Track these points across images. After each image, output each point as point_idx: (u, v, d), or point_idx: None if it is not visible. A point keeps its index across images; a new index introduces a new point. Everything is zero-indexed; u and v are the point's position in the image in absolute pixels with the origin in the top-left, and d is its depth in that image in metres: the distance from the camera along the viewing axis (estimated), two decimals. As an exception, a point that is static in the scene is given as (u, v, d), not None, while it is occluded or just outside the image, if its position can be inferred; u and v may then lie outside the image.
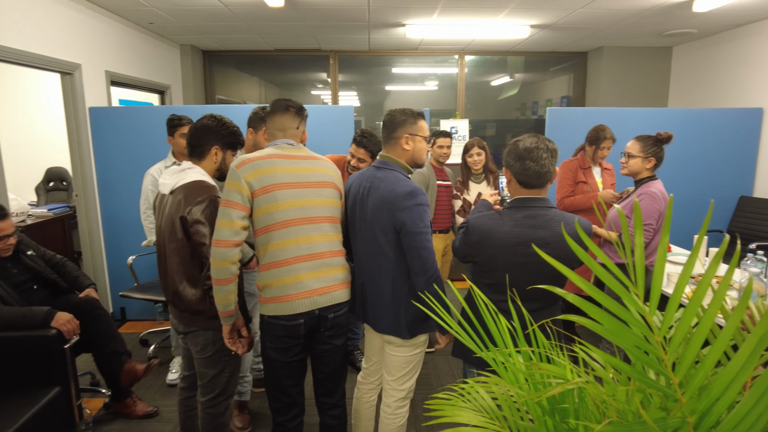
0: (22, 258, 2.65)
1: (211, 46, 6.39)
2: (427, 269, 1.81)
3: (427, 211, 1.84)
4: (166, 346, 3.71)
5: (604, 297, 0.86)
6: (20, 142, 5.57)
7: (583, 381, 0.82)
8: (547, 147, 1.74)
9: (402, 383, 2.05)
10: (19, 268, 2.63)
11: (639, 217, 0.90)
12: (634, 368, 0.81)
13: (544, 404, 0.90)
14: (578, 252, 0.90)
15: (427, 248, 1.81)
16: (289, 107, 1.94)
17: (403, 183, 1.85)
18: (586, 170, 3.33)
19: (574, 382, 0.79)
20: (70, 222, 5.10)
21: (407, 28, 5.32)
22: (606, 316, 0.85)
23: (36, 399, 2.29)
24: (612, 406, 0.86)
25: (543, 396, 0.79)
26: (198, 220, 1.90)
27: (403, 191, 1.82)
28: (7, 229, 2.51)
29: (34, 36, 3.50)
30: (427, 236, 1.82)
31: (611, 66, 6.41)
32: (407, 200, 1.81)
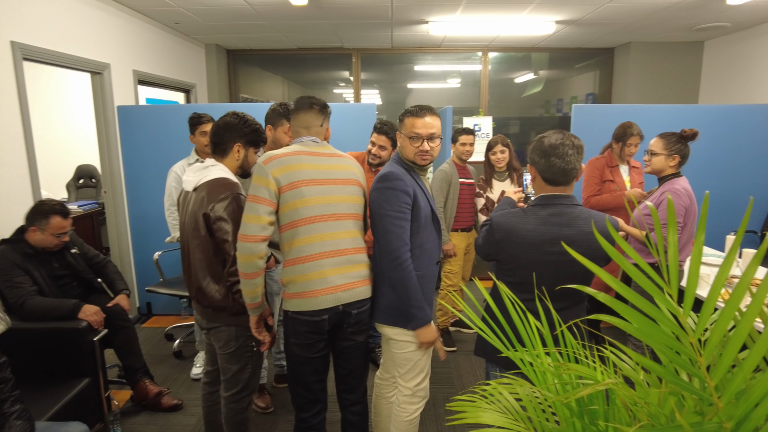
0: (66, 254, 2.76)
1: (235, 45, 6.46)
2: (388, 252, 1.84)
3: (398, 197, 1.83)
4: (190, 340, 3.77)
5: (636, 296, 0.83)
6: (52, 141, 5.72)
7: (614, 382, 0.80)
8: (572, 143, 1.70)
9: (407, 380, 2.02)
10: (61, 263, 2.74)
11: (672, 215, 0.87)
12: (667, 370, 0.78)
13: (573, 405, 0.88)
14: (609, 250, 0.87)
15: (390, 231, 1.83)
16: (313, 105, 1.96)
17: (386, 166, 1.94)
18: (614, 168, 3.26)
19: (605, 383, 0.77)
20: (98, 218, 5.22)
21: (430, 25, 5.29)
22: (638, 315, 0.82)
23: (67, 389, 2.36)
24: (643, 409, 0.83)
25: (574, 396, 0.77)
26: (221, 216, 1.92)
27: (380, 174, 1.90)
28: (67, 227, 2.65)
29: (66, 37, 3.58)
30: (392, 220, 1.83)
31: (639, 62, 6.26)
32: (378, 182, 1.88)
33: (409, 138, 1.89)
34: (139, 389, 2.87)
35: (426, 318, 1.88)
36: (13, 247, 2.56)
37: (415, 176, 1.94)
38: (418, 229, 1.90)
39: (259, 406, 2.85)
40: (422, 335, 1.91)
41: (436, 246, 2.00)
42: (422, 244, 1.91)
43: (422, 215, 1.90)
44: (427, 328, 1.91)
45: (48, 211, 2.58)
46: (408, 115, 1.91)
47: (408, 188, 1.85)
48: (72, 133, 6.12)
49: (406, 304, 1.87)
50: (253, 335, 1.98)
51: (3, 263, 2.49)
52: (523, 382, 1.11)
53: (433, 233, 1.97)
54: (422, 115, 1.88)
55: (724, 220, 4.25)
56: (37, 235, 2.58)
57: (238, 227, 1.85)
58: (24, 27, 3.15)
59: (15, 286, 2.47)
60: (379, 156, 2.95)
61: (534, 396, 1.06)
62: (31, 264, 2.57)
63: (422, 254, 1.92)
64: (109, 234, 4.31)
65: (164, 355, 3.60)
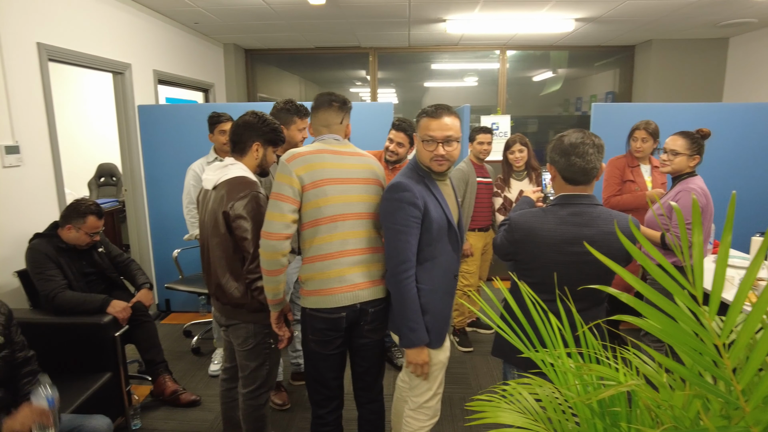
0: (93, 253, 2.84)
1: (253, 44, 6.52)
2: (389, 266, 1.79)
3: (403, 209, 1.74)
4: (208, 337, 3.81)
5: (659, 297, 0.82)
6: (73, 140, 5.83)
7: (637, 383, 0.79)
8: (593, 142, 1.68)
9: (415, 394, 1.96)
10: (89, 261, 2.81)
11: (698, 214, 0.85)
12: (692, 372, 0.77)
13: (594, 406, 0.87)
14: (632, 250, 0.85)
15: (392, 246, 1.76)
16: (333, 102, 1.94)
17: (398, 176, 1.83)
18: (635, 168, 3.21)
19: (628, 384, 0.76)
20: (119, 216, 5.32)
21: (448, 24, 5.26)
22: (661, 316, 0.80)
23: (90, 382, 2.41)
24: (667, 411, 0.81)
25: (596, 397, 0.76)
26: (240, 215, 1.93)
27: (390, 183, 1.83)
28: (101, 227, 2.73)
29: (89, 38, 3.65)
30: (396, 234, 1.75)
31: (661, 60, 6.16)
32: (387, 192, 1.81)
33: (423, 141, 1.77)
34: (158, 384, 2.93)
35: (417, 340, 1.79)
36: (47, 241, 2.63)
37: (431, 184, 1.83)
38: (430, 241, 1.79)
39: (276, 403, 2.87)
40: (410, 355, 1.82)
41: (452, 259, 1.88)
42: (435, 256, 1.81)
43: (434, 227, 1.78)
44: (417, 350, 1.81)
45: (85, 211, 2.66)
46: (423, 116, 1.79)
47: (416, 200, 1.75)
48: (93, 132, 6.23)
49: (401, 321, 1.80)
50: (272, 332, 2.00)
51: (37, 256, 2.57)
52: (542, 383, 1.10)
53: (449, 245, 1.85)
54: (439, 116, 1.75)
55: (748, 220, 4.15)
56: (72, 233, 2.66)
57: (258, 225, 1.87)
58: (49, 28, 3.22)
59: (48, 279, 2.55)
60: (397, 153, 2.96)
61: (554, 397, 1.05)
62: (63, 259, 2.64)
63: (434, 267, 1.82)
64: (129, 231, 4.38)
65: (183, 352, 3.65)
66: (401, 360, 3.34)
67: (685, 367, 0.81)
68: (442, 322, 1.86)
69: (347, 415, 2.26)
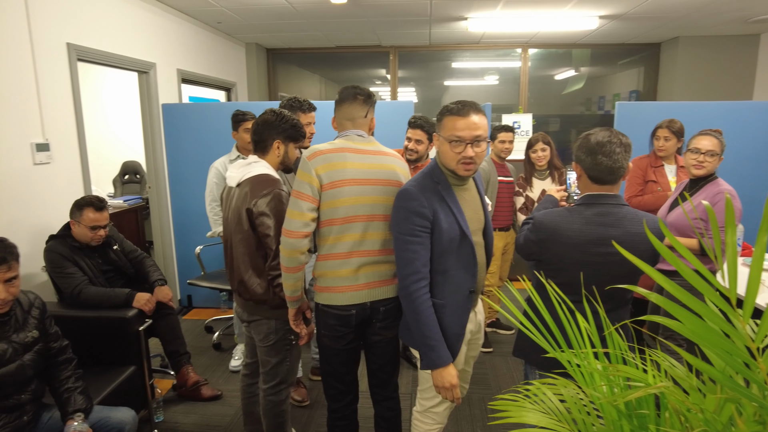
0: (108, 251, 2.85)
1: (274, 44, 6.57)
2: (399, 277, 1.71)
3: (409, 219, 1.65)
4: (229, 333, 3.86)
5: (690, 298, 0.80)
6: (99, 138, 5.95)
7: (666, 385, 0.77)
8: (620, 141, 1.65)
9: (423, 397, 1.90)
10: (105, 259, 2.83)
11: (731, 216, 0.83)
12: (724, 375, 0.75)
13: (621, 408, 0.85)
14: (662, 251, 0.84)
15: (400, 256, 1.69)
16: (357, 95, 1.91)
17: (410, 181, 1.75)
18: (658, 168, 3.15)
19: (657, 386, 0.74)
20: (142, 213, 5.41)
21: (469, 22, 5.23)
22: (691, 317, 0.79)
23: (115, 375, 2.46)
24: (697, 415, 0.80)
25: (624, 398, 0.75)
26: (263, 212, 1.95)
27: (399, 190, 1.74)
28: (103, 220, 2.70)
29: (116, 38, 3.73)
30: (403, 244, 1.67)
31: (687, 57, 6.02)
32: (396, 199, 1.73)
33: (450, 142, 1.64)
34: (181, 375, 2.97)
35: (439, 360, 1.66)
36: (60, 241, 2.65)
37: (445, 191, 1.71)
38: (441, 254, 1.69)
39: (295, 399, 2.90)
40: (435, 378, 1.69)
41: (467, 274, 1.75)
42: (446, 270, 1.71)
43: (445, 238, 1.68)
44: (442, 371, 1.67)
45: (82, 204, 2.64)
46: (448, 114, 1.66)
47: (424, 209, 1.65)
48: (117, 130, 6.34)
49: (418, 339, 1.69)
50: (303, 324, 2.02)
51: (53, 256, 2.60)
52: (567, 383, 1.09)
53: (462, 259, 1.73)
54: (466, 114, 1.63)
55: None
56: (76, 228, 2.66)
57: (280, 222, 1.88)
58: (78, 29, 3.30)
59: (68, 276, 2.59)
60: (416, 150, 2.96)
61: (579, 398, 1.03)
62: (78, 257, 2.66)
63: (445, 282, 1.72)
64: (152, 228, 4.46)
65: (204, 347, 3.70)
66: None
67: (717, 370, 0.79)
68: (452, 341, 1.74)
69: (367, 413, 2.27)
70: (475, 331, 1.90)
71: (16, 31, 2.80)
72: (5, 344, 1.83)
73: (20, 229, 2.80)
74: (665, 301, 0.81)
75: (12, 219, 2.77)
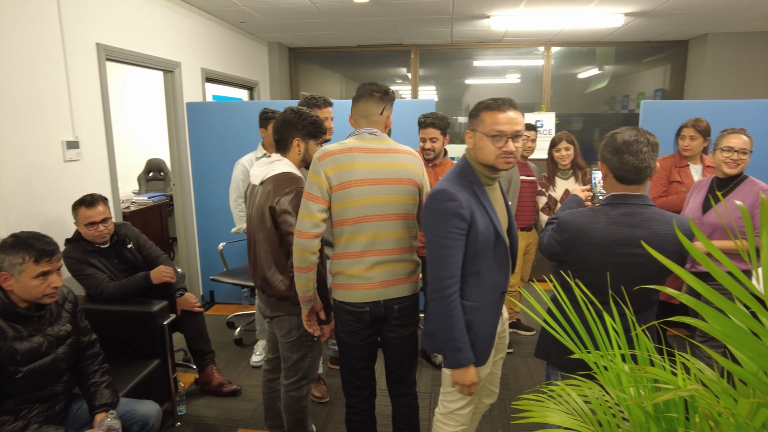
0: (123, 250, 2.85)
1: (296, 43, 6.61)
2: (432, 281, 1.66)
3: (448, 221, 1.62)
4: (251, 329, 3.90)
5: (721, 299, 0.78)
6: (124, 136, 6.07)
7: (696, 388, 0.76)
8: (647, 140, 1.63)
9: (447, 399, 1.88)
10: (120, 258, 2.82)
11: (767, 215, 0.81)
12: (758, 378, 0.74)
13: (649, 410, 0.84)
14: (693, 252, 0.82)
15: (435, 259, 1.65)
16: (374, 92, 1.91)
17: (443, 181, 1.71)
18: (682, 169, 3.09)
19: (687, 388, 0.73)
20: (166, 209, 5.51)
21: (492, 20, 5.19)
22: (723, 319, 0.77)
23: (140, 368, 2.51)
24: (728, 420, 0.78)
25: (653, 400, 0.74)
26: (286, 210, 1.98)
27: (433, 189, 1.70)
28: (97, 215, 2.62)
29: (143, 37, 3.80)
30: (438, 248, 1.64)
31: (717, 55, 5.87)
32: (430, 200, 1.69)
33: (492, 137, 1.62)
34: (206, 374, 3.01)
35: (464, 360, 1.67)
36: (75, 245, 2.66)
37: (479, 191, 1.69)
38: (475, 255, 1.67)
39: (315, 395, 2.92)
40: (457, 376, 1.71)
41: (500, 275, 1.75)
42: (480, 271, 1.69)
43: (480, 239, 1.66)
44: (464, 370, 1.68)
45: (75, 205, 2.63)
46: (486, 110, 1.65)
47: (463, 210, 1.62)
48: (139, 128, 6.44)
49: (445, 341, 1.68)
50: (316, 325, 2.03)
51: (70, 261, 2.61)
52: (592, 385, 1.08)
53: (496, 260, 1.72)
54: (505, 109, 1.63)
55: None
56: (78, 228, 2.66)
57: None
58: (107, 29, 3.37)
59: (88, 277, 2.62)
60: (433, 149, 2.97)
61: (604, 399, 1.02)
62: (94, 258, 2.67)
63: (479, 283, 1.70)
64: (176, 225, 4.54)
65: (226, 342, 3.76)
66: (439, 358, 3.33)
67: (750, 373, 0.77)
68: (486, 342, 1.74)
69: (386, 411, 2.27)
70: (501, 332, 1.89)
71: (49, 33, 2.88)
72: (41, 338, 1.88)
73: (52, 224, 2.87)
74: (697, 303, 0.79)
75: (44, 215, 2.86)
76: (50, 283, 1.85)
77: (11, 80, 2.63)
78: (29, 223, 2.73)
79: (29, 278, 1.80)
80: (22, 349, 1.81)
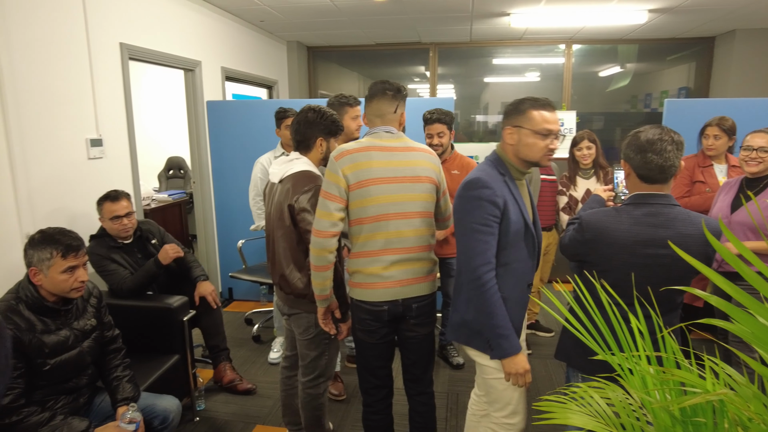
0: (147, 245, 2.90)
1: (315, 41, 6.64)
2: (468, 270, 1.66)
3: (484, 207, 1.63)
4: (269, 326, 3.93)
5: (755, 302, 0.76)
6: (145, 134, 6.16)
7: (726, 392, 0.74)
8: (672, 139, 1.60)
9: (495, 409, 1.83)
10: (144, 254, 2.87)
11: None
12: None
13: (676, 414, 0.82)
14: (723, 252, 0.80)
15: (471, 247, 1.65)
16: (386, 90, 1.92)
17: (476, 172, 1.72)
18: (706, 168, 3.02)
19: (717, 393, 0.71)
20: (186, 207, 5.59)
21: (512, 18, 5.14)
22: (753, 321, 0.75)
23: (160, 363, 2.55)
24: (759, 427, 0.76)
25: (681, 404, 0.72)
26: (304, 208, 1.98)
27: (466, 179, 1.71)
28: (121, 209, 2.70)
29: (165, 37, 3.85)
30: (474, 234, 1.64)
31: (744, 51, 5.72)
32: (463, 189, 1.69)
33: (542, 135, 1.66)
34: (219, 370, 3.04)
35: (511, 348, 1.65)
36: (99, 241, 2.71)
37: (511, 183, 1.72)
38: (506, 245, 1.69)
39: (332, 393, 2.93)
40: (508, 366, 1.68)
41: (527, 267, 1.76)
42: (508, 262, 1.70)
43: (512, 230, 1.68)
44: (515, 358, 1.66)
45: (100, 201, 2.69)
46: (534, 107, 1.67)
47: (497, 198, 1.64)
48: (163, 126, 6.53)
49: (490, 331, 1.66)
50: (332, 323, 2.04)
51: (94, 258, 2.66)
52: (614, 387, 1.06)
53: (524, 251, 1.74)
54: (550, 109, 1.68)
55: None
56: (104, 224, 2.71)
57: None
58: (130, 29, 3.43)
59: (110, 273, 2.67)
60: (441, 144, 2.98)
61: (627, 402, 1.00)
62: (117, 254, 2.72)
63: (507, 274, 1.71)
64: (196, 222, 4.59)
65: (244, 339, 3.79)
66: (457, 359, 3.32)
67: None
68: (518, 333, 1.74)
69: (403, 410, 2.27)
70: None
71: (75, 33, 2.94)
72: (68, 331, 1.93)
73: (78, 220, 2.93)
74: (725, 304, 0.77)
75: (70, 211, 2.92)
76: (77, 277, 1.89)
77: (38, 80, 2.69)
78: (55, 219, 2.79)
79: (57, 273, 1.84)
80: (50, 342, 1.85)
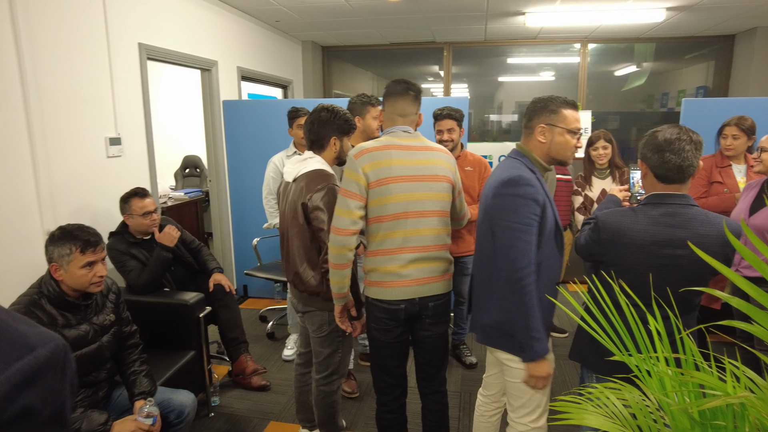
0: None
1: (330, 41, 6.66)
2: (511, 270, 1.61)
3: (527, 206, 1.60)
4: (283, 323, 3.96)
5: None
6: (162, 133, 6.22)
7: (747, 395, 0.73)
8: (690, 138, 1.58)
9: (519, 415, 1.79)
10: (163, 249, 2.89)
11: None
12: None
13: (695, 416, 0.82)
14: (744, 253, 0.79)
15: (515, 246, 1.60)
16: (409, 90, 1.92)
17: (511, 169, 1.67)
18: (724, 169, 2.98)
19: (738, 396, 0.71)
20: (201, 205, 5.64)
21: (527, 17, 5.11)
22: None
23: (176, 359, 2.58)
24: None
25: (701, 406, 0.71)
26: (318, 206, 2.00)
27: (505, 177, 1.65)
28: (151, 205, 2.78)
29: (182, 37, 3.89)
30: (518, 234, 1.60)
31: (766, 49, 5.61)
32: (504, 187, 1.64)
33: (573, 133, 1.69)
34: (240, 362, 3.05)
35: (542, 351, 1.63)
36: (118, 238, 2.77)
37: (542, 182, 1.70)
38: (540, 244, 1.66)
39: (345, 390, 2.94)
40: (534, 369, 1.66)
41: (556, 265, 1.74)
42: (541, 261, 1.66)
43: (548, 228, 1.66)
44: (541, 362, 1.65)
45: (127, 197, 2.75)
46: (566, 107, 1.68)
47: (539, 196, 1.62)
48: (177, 125, 6.58)
49: (523, 332, 1.63)
50: (348, 321, 2.05)
51: (113, 253, 2.72)
52: (631, 388, 1.05)
53: (555, 249, 1.72)
54: (576, 108, 1.71)
55: None
56: (130, 220, 2.76)
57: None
58: (148, 29, 3.47)
59: (129, 270, 2.72)
60: (452, 139, 2.98)
61: (645, 404, 1.00)
62: (136, 250, 2.76)
63: (540, 273, 1.67)
64: (212, 220, 4.64)
65: (258, 336, 3.82)
66: (470, 358, 3.31)
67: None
68: (547, 334, 1.73)
69: (416, 409, 2.28)
70: None
71: (95, 33, 2.98)
72: (88, 326, 1.97)
73: (99, 218, 2.98)
74: (747, 306, 0.77)
75: (91, 208, 2.97)
76: (96, 272, 1.92)
77: (60, 80, 2.73)
78: (76, 216, 2.84)
79: (77, 268, 1.88)
80: (71, 336, 1.89)
